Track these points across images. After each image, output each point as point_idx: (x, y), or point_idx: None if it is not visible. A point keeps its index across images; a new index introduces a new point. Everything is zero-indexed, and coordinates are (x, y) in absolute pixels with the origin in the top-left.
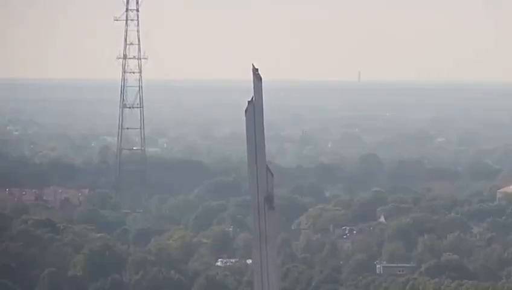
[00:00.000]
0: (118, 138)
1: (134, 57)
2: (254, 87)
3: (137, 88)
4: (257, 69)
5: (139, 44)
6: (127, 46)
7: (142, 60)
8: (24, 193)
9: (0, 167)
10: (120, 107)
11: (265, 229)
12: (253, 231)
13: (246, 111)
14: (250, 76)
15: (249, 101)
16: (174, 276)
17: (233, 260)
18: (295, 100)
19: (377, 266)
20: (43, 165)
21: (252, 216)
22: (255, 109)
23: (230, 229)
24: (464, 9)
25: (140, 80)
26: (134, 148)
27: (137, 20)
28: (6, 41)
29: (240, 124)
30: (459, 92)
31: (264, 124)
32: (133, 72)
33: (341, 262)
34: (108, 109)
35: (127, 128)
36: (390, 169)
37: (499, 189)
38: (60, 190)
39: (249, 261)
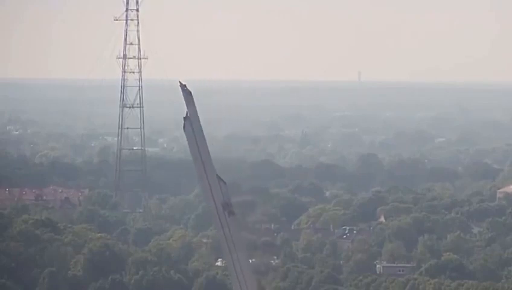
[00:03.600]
0: (118, 138)
1: (134, 57)
2: (186, 103)
3: (137, 88)
4: (185, 85)
5: (139, 44)
6: (127, 46)
7: (142, 60)
8: (24, 193)
9: (0, 167)
10: (120, 107)
11: (230, 235)
12: (220, 240)
13: (184, 127)
14: (252, 76)
15: (184, 117)
16: (174, 276)
17: None
18: (295, 100)
19: (377, 266)
20: (43, 165)
21: (214, 226)
22: (192, 124)
23: None
24: (464, 9)
25: (140, 80)
26: (134, 148)
27: (137, 20)
28: (6, 41)
29: (239, 124)
30: (459, 92)
31: (264, 124)
32: (133, 72)
33: (341, 262)
34: (108, 109)
35: (127, 128)
36: (390, 169)
37: (499, 189)
38: (60, 190)
39: (249, 261)
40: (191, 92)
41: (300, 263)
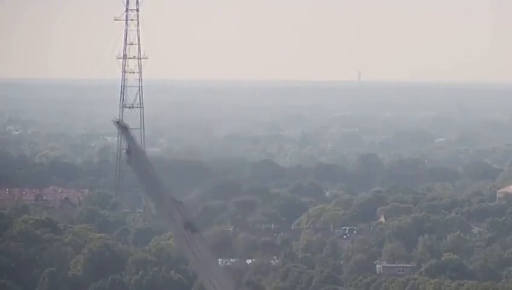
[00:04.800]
0: (117, 138)
1: (134, 57)
2: (124, 137)
3: (137, 88)
4: (118, 121)
5: (139, 44)
6: (127, 46)
7: (142, 60)
8: (24, 193)
9: (0, 167)
10: (120, 107)
11: (199, 251)
12: (190, 259)
13: (128, 161)
14: (252, 76)
15: (126, 151)
16: (174, 276)
17: (233, 260)
18: (295, 100)
19: (377, 266)
20: (43, 165)
21: (182, 248)
22: (136, 156)
23: (230, 229)
24: (464, 9)
25: (140, 80)
26: None
27: (137, 20)
28: (6, 41)
29: (239, 124)
30: (459, 92)
31: (264, 124)
32: (133, 72)
33: (341, 262)
34: (108, 109)
35: None
36: (390, 169)
37: (499, 189)
38: (60, 190)
39: (249, 261)
40: (126, 126)
41: (300, 263)
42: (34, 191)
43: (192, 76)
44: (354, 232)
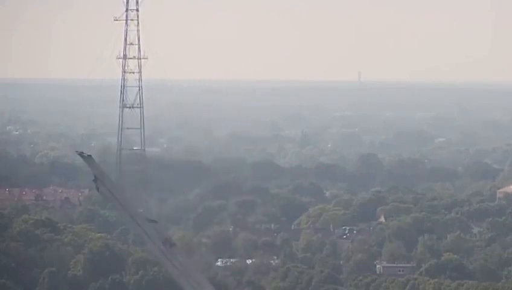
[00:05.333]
0: (118, 138)
1: (134, 57)
2: (89, 166)
3: (137, 88)
4: (82, 152)
5: (139, 44)
6: (127, 46)
7: (142, 60)
8: (24, 193)
9: (0, 167)
10: (120, 107)
11: (180, 264)
12: (173, 273)
13: (97, 189)
14: (252, 76)
15: (93, 180)
16: None
17: (233, 260)
18: (295, 100)
19: (377, 266)
20: (43, 165)
21: (164, 265)
22: (104, 183)
23: (230, 229)
24: (464, 9)
25: (140, 80)
26: (134, 148)
27: (137, 20)
28: (6, 41)
29: (239, 124)
30: (459, 92)
31: (264, 124)
32: (133, 72)
33: (341, 262)
34: (108, 109)
35: (127, 128)
36: (390, 169)
37: (499, 189)
38: (60, 190)
39: (249, 261)
40: (90, 155)
41: (300, 263)
42: (34, 191)
43: (192, 76)
44: (354, 232)
